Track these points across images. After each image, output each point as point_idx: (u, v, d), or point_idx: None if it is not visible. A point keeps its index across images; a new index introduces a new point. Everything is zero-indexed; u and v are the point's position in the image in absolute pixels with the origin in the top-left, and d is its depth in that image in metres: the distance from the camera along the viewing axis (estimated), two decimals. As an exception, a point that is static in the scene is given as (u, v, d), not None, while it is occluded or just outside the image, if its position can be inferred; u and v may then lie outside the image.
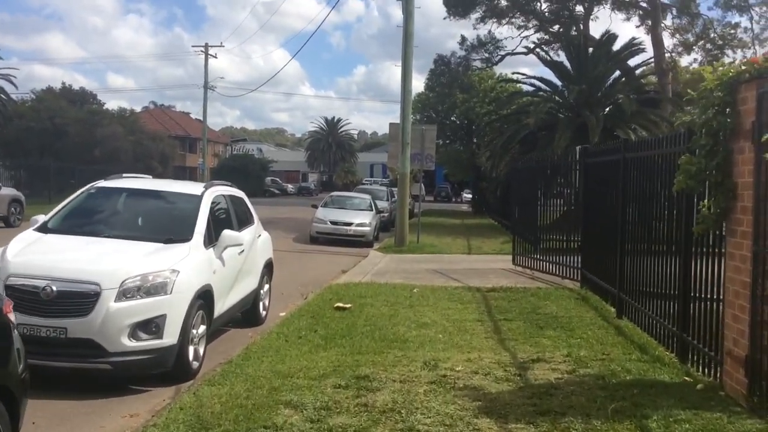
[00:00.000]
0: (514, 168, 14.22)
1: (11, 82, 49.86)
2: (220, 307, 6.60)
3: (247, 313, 8.00)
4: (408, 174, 17.85)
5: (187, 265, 5.87)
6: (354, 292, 10.09)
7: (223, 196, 7.44)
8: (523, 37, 27.99)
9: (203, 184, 7.17)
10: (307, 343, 6.85)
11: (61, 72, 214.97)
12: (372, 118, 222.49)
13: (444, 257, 15.97)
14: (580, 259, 10.82)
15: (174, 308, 5.56)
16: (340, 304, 8.85)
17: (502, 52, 29.06)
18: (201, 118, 73.79)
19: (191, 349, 5.86)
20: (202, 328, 6.11)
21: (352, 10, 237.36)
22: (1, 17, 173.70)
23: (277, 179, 74.84)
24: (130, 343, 5.36)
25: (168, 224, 6.63)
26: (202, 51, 52.81)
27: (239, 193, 8.20)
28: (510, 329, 7.74)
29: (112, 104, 63.11)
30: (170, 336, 5.53)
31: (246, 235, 7.55)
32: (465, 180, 59.41)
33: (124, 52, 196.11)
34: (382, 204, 24.76)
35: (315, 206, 21.25)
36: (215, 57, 52.90)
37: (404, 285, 10.93)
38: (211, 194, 6.98)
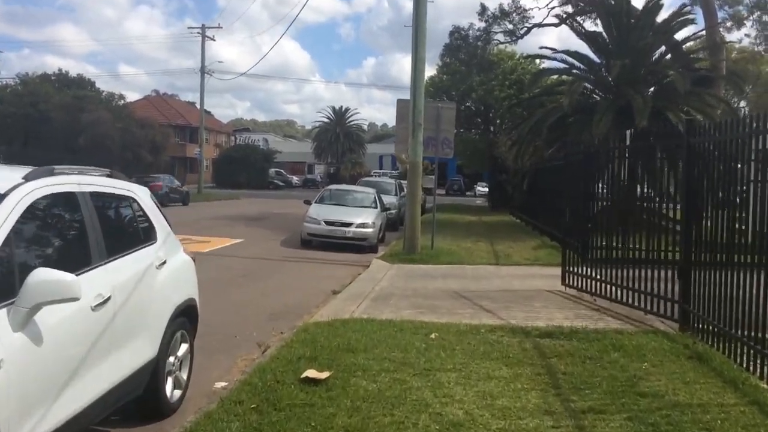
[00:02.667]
0: (565, 155, 10.63)
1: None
2: (31, 428, 3.10)
3: (142, 402, 4.51)
4: (420, 163, 14.30)
5: None
6: (340, 338, 6.58)
7: (70, 195, 3.86)
8: (552, 8, 24.27)
9: (25, 173, 3.63)
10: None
11: (73, 63, 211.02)
12: (383, 110, 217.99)
13: (466, 270, 12.44)
14: (679, 289, 7.29)
15: None
16: (312, 374, 5.34)
17: (529, 24, 25.25)
18: (206, 108, 70.32)
19: None
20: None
21: (362, 2, 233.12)
22: (14, 9, 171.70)
23: (282, 171, 71.66)
24: None
25: None
26: (199, 33, 49.25)
27: (124, 189, 4.61)
28: (611, 440, 4.23)
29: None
30: None
31: (123, 268, 4.07)
32: (480, 172, 55.86)
33: (135, 44, 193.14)
34: (390, 199, 21.26)
35: (308, 202, 17.73)
36: (213, 39, 49.14)
37: (416, 323, 7.42)
38: (28, 194, 3.42)
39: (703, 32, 23.85)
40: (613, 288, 8.68)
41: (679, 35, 22.80)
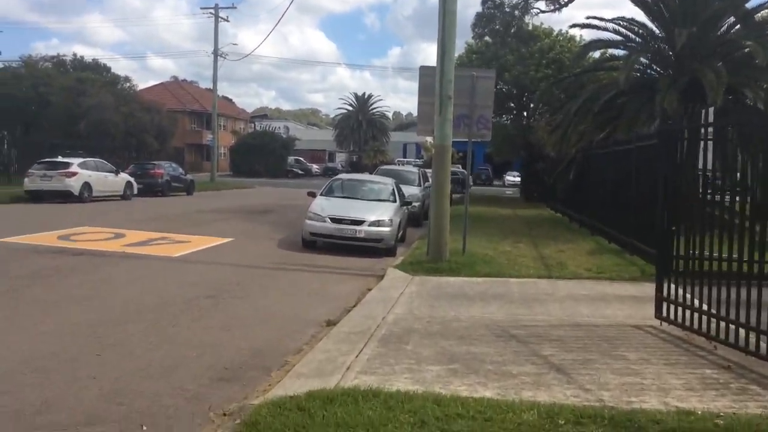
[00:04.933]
0: (660, 131, 7.50)
1: (-7, 47, 44.59)
2: None
3: None
4: (449, 147, 11.25)
5: None
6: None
7: None
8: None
9: None
10: None
11: (100, 53, 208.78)
12: (408, 100, 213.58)
13: (511, 286, 9.39)
14: None
15: None
16: None
17: (575, -11, 21.84)
18: (227, 96, 67.33)
19: None
20: None
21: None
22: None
23: (301, 159, 68.90)
24: None
25: None
26: (211, 14, 46.42)
27: None
28: None
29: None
30: None
31: None
32: (509, 160, 52.51)
33: (161, 33, 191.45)
34: (412, 191, 18.22)
35: (312, 194, 14.76)
36: (227, 20, 46.32)
37: (447, 405, 4.40)
38: None
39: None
40: (751, 333, 5.61)
41: (750, 4, 19.58)
